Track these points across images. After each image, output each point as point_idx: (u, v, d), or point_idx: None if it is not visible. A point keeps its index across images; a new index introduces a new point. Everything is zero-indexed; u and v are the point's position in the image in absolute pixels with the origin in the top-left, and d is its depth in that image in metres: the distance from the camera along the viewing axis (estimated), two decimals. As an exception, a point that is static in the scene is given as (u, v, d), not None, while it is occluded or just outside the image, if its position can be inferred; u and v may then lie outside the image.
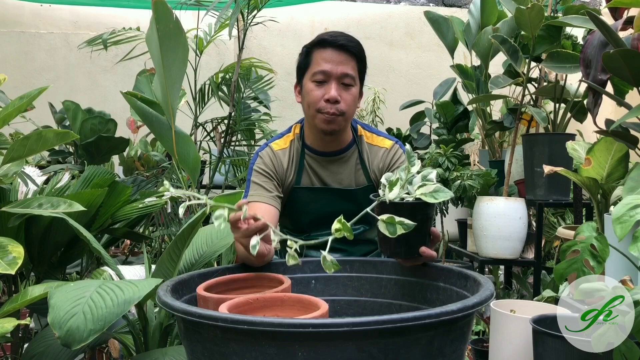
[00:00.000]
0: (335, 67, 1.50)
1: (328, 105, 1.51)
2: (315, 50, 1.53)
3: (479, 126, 3.11)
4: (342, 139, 1.61)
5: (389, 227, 0.98)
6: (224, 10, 2.72)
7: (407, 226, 0.96)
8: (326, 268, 0.97)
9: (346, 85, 1.52)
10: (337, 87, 1.51)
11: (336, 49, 1.51)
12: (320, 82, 1.52)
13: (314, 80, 1.52)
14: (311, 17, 5.12)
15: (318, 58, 1.52)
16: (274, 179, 1.58)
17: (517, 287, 2.89)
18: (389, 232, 0.98)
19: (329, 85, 1.51)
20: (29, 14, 4.91)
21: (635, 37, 1.40)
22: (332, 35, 1.53)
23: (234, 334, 0.80)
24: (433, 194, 1.02)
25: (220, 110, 3.34)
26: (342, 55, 1.51)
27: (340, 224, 0.97)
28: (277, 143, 1.64)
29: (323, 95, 1.51)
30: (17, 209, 1.52)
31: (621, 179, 1.49)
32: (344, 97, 1.51)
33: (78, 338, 1.06)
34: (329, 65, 1.50)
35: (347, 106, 1.52)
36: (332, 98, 1.50)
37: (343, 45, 1.51)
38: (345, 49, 1.51)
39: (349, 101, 1.53)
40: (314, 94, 1.52)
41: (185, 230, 1.43)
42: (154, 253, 3.05)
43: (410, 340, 0.81)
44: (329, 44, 1.51)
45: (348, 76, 1.51)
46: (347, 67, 1.51)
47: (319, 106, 1.52)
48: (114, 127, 3.03)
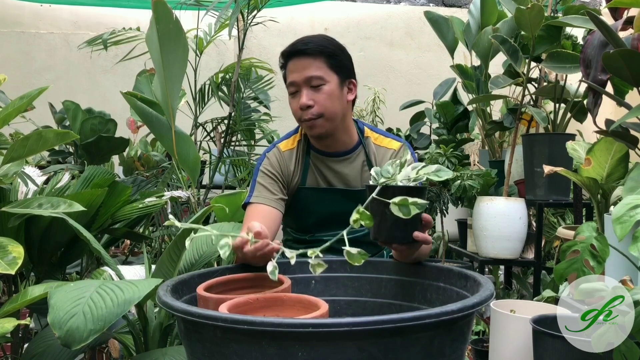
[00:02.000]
0: (299, 75, 1.51)
1: (304, 113, 1.52)
2: (286, 65, 1.56)
3: (479, 126, 3.11)
4: (343, 140, 1.61)
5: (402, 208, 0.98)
6: (224, 10, 2.72)
7: (421, 205, 0.97)
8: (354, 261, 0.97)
9: (316, 86, 1.51)
10: (308, 93, 1.51)
11: (296, 56, 1.52)
12: (294, 94, 1.54)
13: (289, 92, 1.56)
14: (311, 17, 5.12)
15: (287, 71, 1.56)
16: (279, 181, 1.58)
17: (517, 287, 2.89)
18: (402, 213, 0.98)
19: (300, 93, 1.53)
20: (29, 14, 4.91)
21: (635, 37, 1.40)
22: (292, 44, 1.54)
23: (234, 334, 0.80)
24: (436, 172, 1.03)
25: (220, 110, 3.34)
26: (303, 60, 1.51)
27: (359, 214, 0.97)
28: (285, 143, 1.65)
29: (298, 104, 1.53)
30: (17, 209, 1.52)
31: (621, 179, 1.49)
32: (316, 98, 1.51)
33: (78, 338, 1.06)
34: (294, 74, 1.52)
35: (322, 107, 1.52)
36: (302, 105, 1.51)
37: (300, 50, 1.51)
38: (303, 53, 1.51)
39: (323, 100, 1.52)
40: (292, 106, 1.56)
41: (185, 230, 1.43)
42: (154, 253, 3.05)
43: (410, 340, 0.81)
44: (289, 54, 1.54)
45: (314, 78, 1.51)
46: (311, 69, 1.51)
47: (298, 116, 1.55)
48: (114, 127, 3.03)
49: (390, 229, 1.10)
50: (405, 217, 1.01)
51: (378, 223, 1.09)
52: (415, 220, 1.12)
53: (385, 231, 1.11)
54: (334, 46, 1.55)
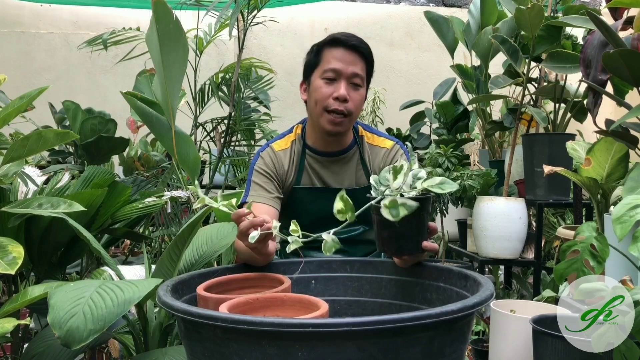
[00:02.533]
0: (346, 67, 1.51)
1: (336, 103, 1.51)
2: (327, 49, 1.54)
3: (479, 126, 3.11)
4: (344, 140, 1.62)
5: (391, 210, 0.98)
6: (224, 10, 2.72)
7: (409, 207, 0.97)
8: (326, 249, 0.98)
9: (355, 85, 1.53)
10: (347, 86, 1.51)
11: (348, 48, 1.52)
12: (330, 80, 1.52)
13: (324, 77, 1.53)
14: (311, 17, 5.12)
15: (329, 56, 1.53)
16: (274, 180, 1.58)
17: (517, 287, 2.89)
18: (392, 216, 0.98)
19: (339, 83, 1.51)
20: (29, 14, 4.91)
21: (635, 37, 1.40)
22: (344, 35, 1.54)
23: (234, 334, 0.80)
24: (440, 185, 1.03)
25: (220, 110, 3.34)
26: (353, 56, 1.52)
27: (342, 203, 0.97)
28: (278, 143, 1.64)
29: (332, 93, 1.51)
30: (17, 209, 1.52)
31: (621, 179, 1.49)
32: (352, 96, 1.52)
33: (78, 338, 1.06)
34: (340, 64, 1.51)
35: (354, 106, 1.53)
36: (342, 96, 1.50)
37: (355, 46, 1.52)
38: (356, 50, 1.52)
39: (357, 101, 1.54)
40: (323, 90, 1.52)
41: (185, 230, 1.43)
42: (154, 253, 3.05)
43: (410, 340, 0.81)
44: (341, 43, 1.52)
45: (358, 76, 1.52)
46: (357, 68, 1.52)
47: (327, 103, 1.52)
48: (114, 127, 3.03)
49: (399, 241, 1.10)
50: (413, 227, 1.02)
51: (387, 236, 1.08)
52: (423, 230, 1.11)
53: (395, 243, 1.10)
54: (373, 58, 1.58)
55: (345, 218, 1.00)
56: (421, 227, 1.09)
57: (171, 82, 1.98)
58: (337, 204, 1.01)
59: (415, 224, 1.07)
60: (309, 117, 1.62)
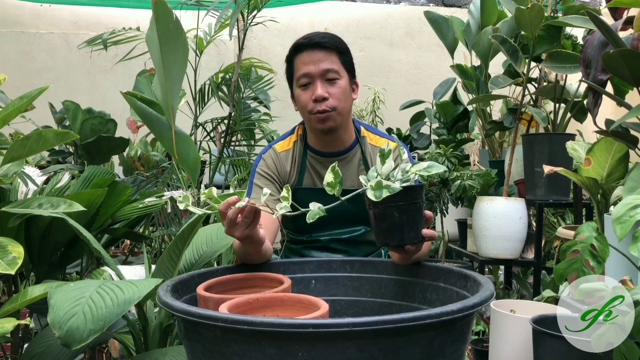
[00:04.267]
0: (316, 66, 1.51)
1: (317, 104, 1.51)
2: (295, 57, 1.55)
3: (479, 126, 3.11)
4: (343, 139, 1.61)
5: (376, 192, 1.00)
6: (224, 10, 2.72)
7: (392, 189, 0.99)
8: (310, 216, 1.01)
9: (331, 80, 1.52)
10: (323, 85, 1.51)
11: (311, 48, 1.52)
12: (306, 85, 1.53)
13: (300, 85, 1.54)
14: (311, 17, 5.12)
15: (298, 63, 1.54)
16: (275, 182, 1.58)
17: (517, 287, 2.89)
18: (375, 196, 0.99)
19: (314, 85, 1.51)
20: (29, 14, 4.91)
21: (635, 37, 1.40)
22: (305, 37, 1.55)
23: (234, 334, 0.80)
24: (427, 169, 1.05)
25: (220, 110, 3.34)
26: (319, 53, 1.51)
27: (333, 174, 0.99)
28: (280, 145, 1.65)
29: (311, 97, 1.51)
30: (17, 209, 1.52)
31: (621, 179, 1.49)
32: (331, 92, 1.51)
33: (78, 338, 1.06)
34: (309, 66, 1.51)
35: (337, 100, 1.52)
36: (319, 96, 1.50)
37: (317, 43, 1.51)
38: (320, 46, 1.51)
39: (338, 94, 1.52)
40: (302, 98, 1.54)
41: (185, 230, 1.43)
42: (154, 253, 3.05)
43: (410, 340, 0.81)
44: (303, 46, 1.53)
45: (330, 71, 1.51)
46: (327, 62, 1.51)
47: (310, 108, 1.53)
48: (114, 127, 3.03)
49: (401, 231, 1.11)
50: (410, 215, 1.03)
51: (387, 227, 1.10)
52: (421, 218, 1.13)
53: (397, 234, 1.11)
54: (345, 45, 1.57)
55: (333, 192, 1.00)
56: (419, 215, 1.11)
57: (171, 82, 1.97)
58: (328, 176, 1.02)
59: (413, 212, 1.10)
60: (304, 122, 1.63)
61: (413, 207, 1.10)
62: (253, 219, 1.10)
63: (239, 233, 1.11)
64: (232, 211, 1.09)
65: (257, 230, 1.14)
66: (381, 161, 1.05)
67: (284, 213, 1.04)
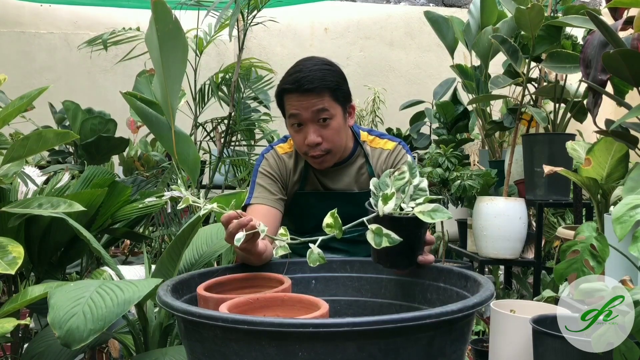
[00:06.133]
0: (306, 111, 1.47)
1: (311, 149, 1.51)
2: (285, 96, 1.51)
3: (479, 126, 3.11)
4: (341, 156, 1.61)
5: (376, 237, 0.98)
6: (224, 10, 2.72)
7: (392, 240, 0.96)
8: (311, 261, 0.99)
9: (323, 120, 1.48)
10: (315, 129, 1.48)
11: (302, 93, 1.46)
12: (298, 127, 1.51)
13: (291, 124, 1.52)
14: (311, 18, 5.12)
15: (288, 104, 1.50)
16: (278, 181, 1.59)
17: (517, 287, 2.89)
18: (374, 243, 0.97)
19: (306, 128, 1.49)
20: (29, 14, 4.91)
21: (635, 37, 1.40)
22: (294, 80, 1.47)
23: (234, 334, 0.80)
24: (430, 213, 0.99)
25: (220, 110, 3.34)
26: (310, 97, 1.46)
27: (332, 219, 0.98)
28: (282, 147, 1.65)
29: (304, 140, 1.50)
30: (17, 209, 1.52)
31: (621, 179, 1.49)
32: (325, 135, 1.49)
33: (78, 338, 1.06)
34: (298, 110, 1.48)
35: (330, 143, 1.51)
36: (311, 142, 1.49)
37: (307, 89, 1.45)
38: (310, 91, 1.45)
39: (331, 136, 1.50)
40: (296, 139, 1.53)
41: (185, 230, 1.43)
42: (154, 253, 3.05)
43: (410, 341, 0.81)
44: (293, 91, 1.47)
45: (322, 111, 1.47)
46: (318, 104, 1.46)
47: (304, 151, 1.53)
48: (114, 127, 3.03)
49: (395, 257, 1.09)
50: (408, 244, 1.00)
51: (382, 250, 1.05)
52: (419, 246, 1.11)
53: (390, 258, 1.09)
54: (336, 75, 1.51)
55: (333, 233, 1.00)
56: (417, 244, 1.09)
57: (171, 82, 1.97)
58: (327, 219, 1.02)
59: (410, 241, 1.06)
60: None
61: (411, 237, 1.05)
62: (252, 236, 1.11)
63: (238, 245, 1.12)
64: (233, 225, 1.09)
65: (256, 244, 1.16)
66: (383, 202, 1.01)
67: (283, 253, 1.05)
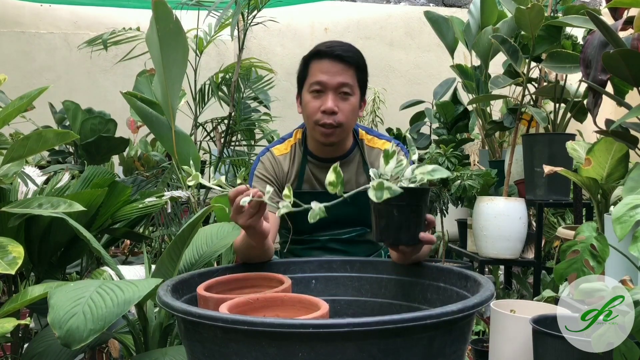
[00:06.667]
0: (332, 78, 1.48)
1: (325, 117, 1.49)
2: (313, 61, 1.52)
3: (479, 126, 3.11)
4: (343, 146, 1.61)
5: (377, 192, 0.99)
6: (225, 10, 2.72)
7: (393, 191, 0.97)
8: (311, 217, 0.99)
9: (344, 94, 1.50)
10: (335, 98, 1.49)
11: (333, 59, 1.48)
12: (317, 93, 1.50)
13: (311, 90, 1.51)
14: (311, 17, 5.12)
15: (315, 69, 1.50)
16: (274, 185, 1.58)
17: (517, 287, 2.89)
18: (376, 197, 0.98)
19: (326, 95, 1.49)
20: (29, 14, 4.91)
21: (635, 37, 1.41)
22: (328, 45, 1.50)
23: (234, 334, 0.80)
24: (431, 172, 1.02)
25: (220, 110, 3.34)
26: (339, 65, 1.48)
27: (335, 174, 0.98)
28: (278, 148, 1.64)
29: (320, 107, 1.49)
30: (17, 209, 1.52)
31: (621, 179, 1.50)
32: (341, 107, 1.50)
33: (78, 338, 1.06)
34: (325, 76, 1.48)
35: (345, 117, 1.51)
36: (329, 109, 1.48)
37: (339, 56, 1.48)
38: (342, 59, 1.48)
39: (347, 111, 1.51)
40: (311, 105, 1.51)
41: (185, 230, 1.43)
42: (154, 253, 3.05)
43: (410, 341, 0.81)
44: (325, 54, 1.49)
45: (346, 85, 1.49)
46: (345, 77, 1.49)
47: (316, 118, 1.51)
48: (114, 127, 3.03)
49: (398, 230, 1.10)
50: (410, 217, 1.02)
51: (384, 225, 1.09)
52: (421, 221, 1.12)
53: (393, 233, 1.10)
54: (365, 62, 1.54)
55: (335, 191, 1.00)
56: (419, 218, 1.10)
57: (171, 82, 1.98)
58: (330, 176, 1.01)
59: (412, 214, 1.08)
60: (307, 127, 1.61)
61: (413, 209, 1.08)
62: (258, 210, 1.11)
63: (242, 221, 1.12)
64: (240, 197, 1.08)
65: (261, 221, 1.15)
66: (384, 162, 1.04)
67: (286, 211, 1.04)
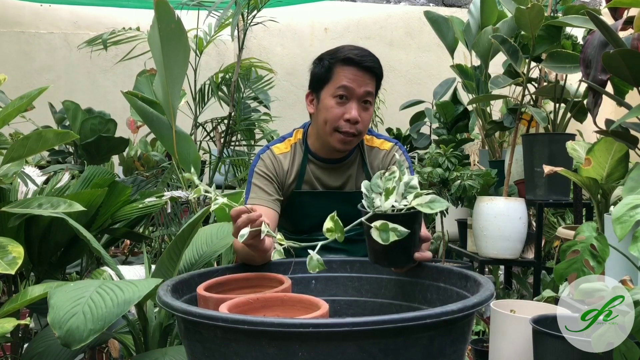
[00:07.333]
0: (359, 87, 1.49)
1: (347, 125, 1.50)
2: (339, 66, 1.51)
3: (479, 126, 3.11)
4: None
5: (382, 234, 0.97)
6: (225, 11, 2.72)
7: (400, 233, 0.96)
8: (310, 268, 0.99)
9: (365, 103, 1.52)
10: (358, 107, 1.50)
11: (362, 69, 1.49)
12: (341, 99, 1.50)
13: (335, 95, 1.50)
14: (311, 17, 5.12)
15: (341, 75, 1.50)
16: (274, 182, 1.58)
17: (517, 287, 2.89)
18: (382, 239, 0.97)
19: (350, 104, 1.50)
20: (29, 14, 4.91)
21: (635, 37, 1.40)
22: (358, 54, 1.50)
23: (234, 334, 0.80)
24: (429, 204, 1.01)
25: (220, 110, 3.34)
26: (366, 76, 1.50)
27: (332, 222, 0.97)
28: (278, 147, 1.64)
29: (343, 114, 1.50)
30: (17, 209, 1.52)
31: (621, 179, 1.50)
32: (363, 117, 1.51)
33: (78, 338, 1.06)
34: (353, 84, 1.49)
35: (364, 126, 1.53)
36: (353, 119, 1.49)
37: (369, 68, 1.50)
38: (370, 71, 1.50)
39: (367, 121, 1.54)
40: (335, 111, 1.50)
41: (185, 230, 1.43)
42: (154, 253, 3.05)
43: (410, 340, 0.81)
44: (355, 63, 1.49)
45: (370, 94, 1.51)
46: (370, 87, 1.51)
47: (338, 124, 1.51)
48: (114, 127, 3.03)
49: (392, 254, 1.09)
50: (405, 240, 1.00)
51: (379, 249, 1.07)
52: (415, 242, 1.11)
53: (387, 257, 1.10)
54: (382, 73, 1.56)
55: (334, 237, 1.00)
56: (413, 240, 1.08)
57: (172, 82, 1.98)
58: (327, 223, 1.02)
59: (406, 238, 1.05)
60: (316, 130, 1.60)
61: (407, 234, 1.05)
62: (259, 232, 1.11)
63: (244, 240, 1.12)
64: (242, 220, 1.10)
65: (262, 240, 1.15)
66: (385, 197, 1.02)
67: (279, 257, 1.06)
